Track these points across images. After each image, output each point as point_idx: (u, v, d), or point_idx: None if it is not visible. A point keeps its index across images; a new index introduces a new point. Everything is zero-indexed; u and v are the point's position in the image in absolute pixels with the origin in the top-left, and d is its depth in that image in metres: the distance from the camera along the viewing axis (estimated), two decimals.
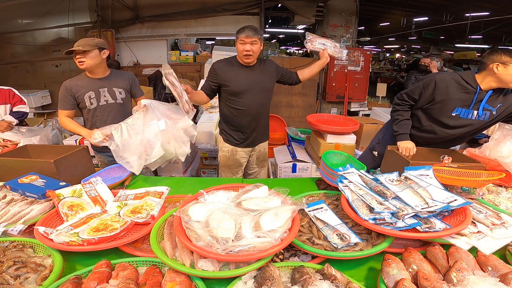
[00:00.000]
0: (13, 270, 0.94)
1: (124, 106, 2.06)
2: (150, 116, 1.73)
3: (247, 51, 1.86)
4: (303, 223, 1.19)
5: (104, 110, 1.99)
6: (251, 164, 2.32)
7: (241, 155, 2.19)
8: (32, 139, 2.36)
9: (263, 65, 2.03)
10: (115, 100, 2.01)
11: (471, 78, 1.67)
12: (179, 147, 1.79)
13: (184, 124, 1.80)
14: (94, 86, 1.95)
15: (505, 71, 1.54)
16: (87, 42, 1.87)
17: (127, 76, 2.09)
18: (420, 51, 15.33)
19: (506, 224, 1.15)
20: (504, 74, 1.55)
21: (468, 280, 0.83)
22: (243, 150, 2.19)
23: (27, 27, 5.48)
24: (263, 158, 2.34)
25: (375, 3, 7.71)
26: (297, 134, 3.83)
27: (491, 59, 1.59)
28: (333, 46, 2.08)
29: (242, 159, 2.21)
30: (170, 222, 1.14)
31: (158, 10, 5.22)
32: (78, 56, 1.85)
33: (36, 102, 5.13)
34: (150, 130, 1.71)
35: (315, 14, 5.24)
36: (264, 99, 2.06)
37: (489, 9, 6.80)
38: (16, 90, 2.70)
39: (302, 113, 5.44)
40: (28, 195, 1.33)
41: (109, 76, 2.01)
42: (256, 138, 2.18)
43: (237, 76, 1.95)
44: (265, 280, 0.86)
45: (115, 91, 2.01)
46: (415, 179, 1.24)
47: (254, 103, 2.00)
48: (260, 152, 2.28)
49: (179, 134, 1.79)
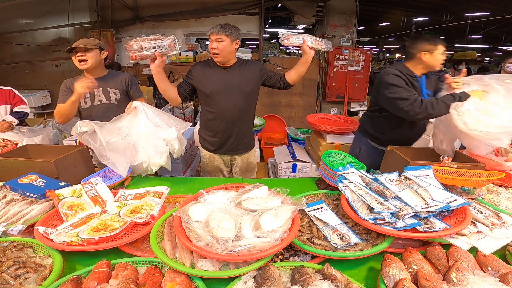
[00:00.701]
0: (13, 270, 0.94)
1: (118, 107, 2.01)
2: (137, 119, 1.68)
3: (213, 49, 1.78)
4: (303, 223, 1.19)
5: (98, 110, 1.99)
6: (234, 172, 2.17)
7: (219, 161, 2.09)
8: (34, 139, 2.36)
9: (243, 66, 1.91)
10: (109, 101, 2.01)
11: (407, 68, 1.82)
12: (153, 156, 1.67)
13: (168, 135, 1.70)
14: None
15: (432, 58, 1.73)
16: (89, 41, 1.89)
17: (123, 77, 2.08)
18: None
19: (506, 224, 1.15)
20: (431, 60, 1.74)
21: (468, 280, 0.83)
22: (221, 158, 2.08)
23: (27, 27, 5.48)
24: (246, 169, 2.16)
25: (375, 3, 7.70)
26: (297, 134, 3.84)
27: (417, 48, 1.75)
28: (313, 39, 1.85)
29: (221, 165, 2.10)
30: (170, 222, 1.14)
31: (158, 10, 5.22)
32: (79, 54, 1.85)
33: (36, 102, 5.13)
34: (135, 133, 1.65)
35: (315, 14, 5.24)
36: (243, 103, 1.91)
37: (489, 9, 6.80)
38: (17, 91, 2.70)
39: (302, 113, 5.44)
40: (28, 195, 1.33)
41: (105, 77, 2.02)
42: (234, 146, 2.03)
43: (211, 77, 1.87)
44: (265, 280, 0.86)
45: (110, 92, 2.00)
46: (415, 179, 1.24)
47: (230, 106, 1.88)
48: (242, 162, 2.12)
49: (158, 143, 1.68)
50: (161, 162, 1.67)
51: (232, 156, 2.10)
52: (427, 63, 1.76)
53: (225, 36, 1.76)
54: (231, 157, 2.10)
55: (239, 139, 2.02)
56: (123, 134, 1.64)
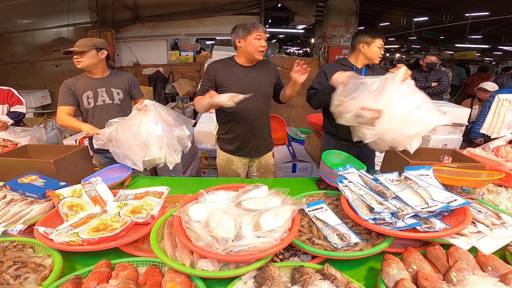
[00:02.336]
0: (13, 270, 0.94)
1: (121, 107, 2.04)
2: (148, 118, 1.72)
3: (263, 46, 1.78)
4: (303, 223, 1.19)
5: (101, 110, 1.99)
6: (251, 173, 2.16)
7: (238, 165, 2.05)
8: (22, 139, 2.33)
9: (261, 66, 1.89)
10: (112, 101, 2.01)
11: (346, 60, 1.97)
12: (170, 155, 1.74)
13: (180, 133, 1.77)
14: (92, 85, 1.96)
15: (369, 50, 1.85)
16: (85, 42, 1.88)
17: (126, 77, 2.08)
18: (420, 51, 15.32)
19: (506, 224, 1.15)
20: (369, 52, 1.85)
21: (468, 280, 0.83)
22: (239, 161, 2.03)
23: (27, 27, 5.48)
24: (265, 170, 2.15)
25: (375, 3, 7.70)
26: (297, 134, 3.84)
27: (357, 40, 1.88)
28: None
29: (239, 169, 2.06)
30: (170, 222, 1.14)
31: (158, 10, 5.22)
32: (75, 57, 1.87)
33: (36, 102, 5.14)
34: (146, 131, 1.69)
35: (315, 14, 5.25)
36: (263, 105, 1.91)
37: (489, 9, 6.80)
38: (16, 90, 2.71)
39: (302, 113, 5.44)
40: (28, 195, 1.33)
41: (108, 77, 2.01)
42: (255, 149, 2.01)
43: (236, 78, 1.83)
44: (265, 280, 0.86)
45: (113, 92, 2.00)
46: (415, 179, 1.24)
47: (252, 109, 1.85)
48: (261, 163, 2.10)
49: (173, 142, 1.76)
50: (177, 160, 1.76)
51: (251, 159, 2.07)
52: (366, 54, 1.87)
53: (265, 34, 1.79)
54: (250, 159, 2.07)
55: (260, 142, 2.01)
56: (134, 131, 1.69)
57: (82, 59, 1.87)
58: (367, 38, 1.84)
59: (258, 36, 1.76)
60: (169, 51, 5.65)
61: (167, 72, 5.57)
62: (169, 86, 5.46)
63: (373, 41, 1.83)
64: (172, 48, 5.79)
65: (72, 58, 1.89)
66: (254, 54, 1.79)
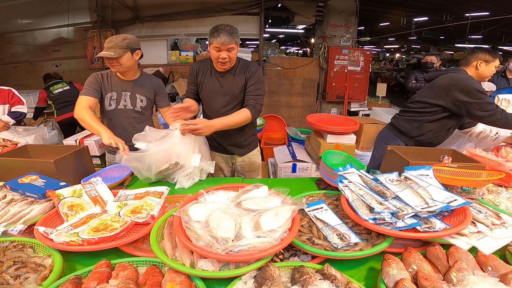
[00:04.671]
0: (13, 270, 0.94)
1: (142, 114, 1.96)
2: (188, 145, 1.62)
3: (224, 59, 1.66)
4: (303, 223, 1.19)
5: (121, 115, 1.91)
6: (237, 170, 2.18)
7: (219, 160, 2.08)
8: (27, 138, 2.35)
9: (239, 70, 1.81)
10: (133, 107, 1.91)
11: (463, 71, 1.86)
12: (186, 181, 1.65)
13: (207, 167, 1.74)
14: (118, 87, 1.87)
15: (486, 68, 1.79)
16: (118, 44, 1.70)
17: (154, 84, 1.97)
18: (420, 51, 15.34)
19: (506, 224, 1.15)
20: (485, 70, 1.80)
21: (468, 280, 0.83)
22: (220, 156, 2.08)
23: (27, 27, 5.48)
24: (249, 169, 2.14)
25: (375, 3, 7.72)
26: (297, 134, 3.83)
27: (475, 56, 1.81)
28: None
29: (221, 164, 2.10)
30: (170, 222, 1.14)
31: (158, 10, 5.22)
32: (109, 60, 1.72)
33: (36, 102, 5.12)
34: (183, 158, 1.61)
35: (315, 14, 5.24)
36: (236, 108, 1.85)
37: (489, 9, 6.81)
38: (16, 91, 2.71)
39: (302, 113, 5.45)
40: (28, 195, 1.33)
41: (136, 80, 1.91)
42: (232, 148, 2.02)
43: (208, 81, 1.83)
44: (265, 280, 0.86)
45: (137, 98, 1.91)
46: (415, 179, 1.24)
47: (225, 112, 1.82)
48: (244, 162, 2.10)
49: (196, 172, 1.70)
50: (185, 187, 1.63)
51: (232, 155, 2.10)
52: (480, 73, 1.82)
53: (235, 43, 1.64)
54: (231, 155, 2.10)
55: (236, 143, 2.01)
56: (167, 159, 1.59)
57: (118, 63, 1.72)
58: (488, 57, 1.77)
59: (216, 48, 1.64)
60: (169, 51, 5.65)
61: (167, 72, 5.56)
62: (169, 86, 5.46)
63: (494, 61, 1.77)
64: (172, 48, 5.78)
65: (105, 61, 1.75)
66: (216, 64, 1.74)
